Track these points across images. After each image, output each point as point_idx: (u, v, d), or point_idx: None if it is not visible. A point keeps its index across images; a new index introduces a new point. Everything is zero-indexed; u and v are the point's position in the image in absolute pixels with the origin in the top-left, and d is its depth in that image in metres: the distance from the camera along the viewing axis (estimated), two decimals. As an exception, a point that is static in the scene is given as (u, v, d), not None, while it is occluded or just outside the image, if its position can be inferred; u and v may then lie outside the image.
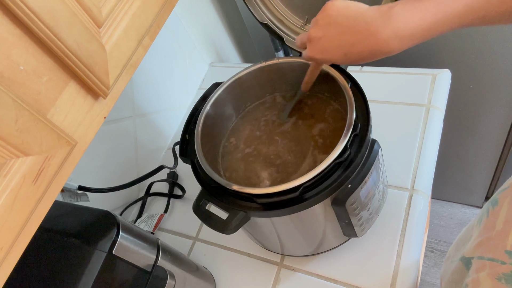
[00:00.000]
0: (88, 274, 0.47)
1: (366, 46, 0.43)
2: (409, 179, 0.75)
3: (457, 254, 0.57)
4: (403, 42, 0.41)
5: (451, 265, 0.58)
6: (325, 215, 0.58)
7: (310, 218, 0.58)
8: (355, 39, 0.43)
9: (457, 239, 0.62)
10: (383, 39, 0.41)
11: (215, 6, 1.15)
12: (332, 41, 0.46)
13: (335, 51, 0.46)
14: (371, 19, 0.42)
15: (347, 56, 0.45)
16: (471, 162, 1.35)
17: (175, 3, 0.46)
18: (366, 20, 0.42)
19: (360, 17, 0.43)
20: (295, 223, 0.59)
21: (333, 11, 0.46)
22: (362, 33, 0.43)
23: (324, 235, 0.64)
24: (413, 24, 0.40)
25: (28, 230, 0.33)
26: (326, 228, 0.62)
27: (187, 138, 0.65)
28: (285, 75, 0.69)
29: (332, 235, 0.65)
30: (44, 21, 0.30)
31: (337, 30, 0.45)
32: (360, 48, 0.44)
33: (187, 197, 0.91)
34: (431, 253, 1.56)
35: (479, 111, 1.14)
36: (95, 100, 0.38)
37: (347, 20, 0.44)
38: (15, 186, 0.31)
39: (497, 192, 0.52)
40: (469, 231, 0.57)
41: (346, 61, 0.46)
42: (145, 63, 0.91)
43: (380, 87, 0.90)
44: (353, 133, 0.54)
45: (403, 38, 0.41)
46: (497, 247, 0.46)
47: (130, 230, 0.53)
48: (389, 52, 0.42)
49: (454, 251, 0.60)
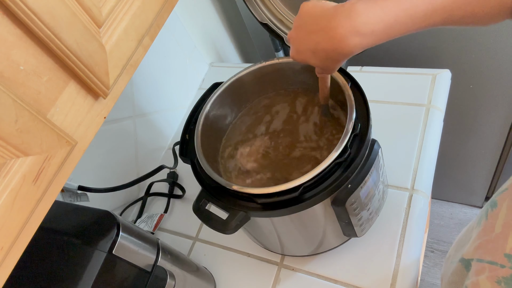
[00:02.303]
0: (88, 274, 0.47)
1: (329, 43, 0.43)
2: (409, 179, 0.75)
3: (457, 255, 0.57)
4: (364, 39, 0.41)
5: (451, 266, 0.58)
6: (325, 215, 0.58)
7: (310, 218, 0.58)
8: (319, 36, 0.44)
9: (457, 239, 0.62)
10: (342, 34, 0.41)
11: (215, 6, 1.15)
12: (302, 42, 0.47)
13: (305, 51, 0.47)
14: (332, 16, 0.42)
15: (315, 55, 0.46)
16: (471, 162, 1.35)
17: (175, 3, 0.46)
18: (328, 17, 0.43)
19: (324, 15, 0.43)
20: (295, 223, 0.59)
21: (303, 12, 0.47)
22: (324, 30, 0.43)
23: (324, 235, 0.64)
24: (374, 20, 0.40)
25: (28, 230, 0.33)
26: (326, 228, 0.62)
27: (187, 138, 0.65)
28: (285, 75, 0.69)
29: (332, 235, 0.65)
30: (44, 21, 0.30)
31: (306, 30, 0.46)
32: (324, 45, 0.44)
33: (187, 197, 0.91)
34: (431, 253, 1.56)
35: (479, 111, 1.14)
36: (95, 100, 0.38)
37: (313, 19, 0.45)
38: (15, 186, 0.31)
39: (496, 193, 0.51)
40: (469, 232, 0.57)
41: (317, 61, 0.47)
42: (145, 63, 0.91)
43: (380, 87, 0.90)
44: (353, 133, 0.54)
45: (363, 35, 0.41)
46: (497, 250, 0.46)
47: (130, 230, 0.53)
48: (349, 48, 0.42)
49: (454, 251, 0.60)
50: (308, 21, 0.45)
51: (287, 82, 0.70)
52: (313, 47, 0.45)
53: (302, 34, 0.46)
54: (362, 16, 0.40)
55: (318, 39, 0.44)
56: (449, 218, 1.62)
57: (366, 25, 0.40)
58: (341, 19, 0.41)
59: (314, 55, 0.46)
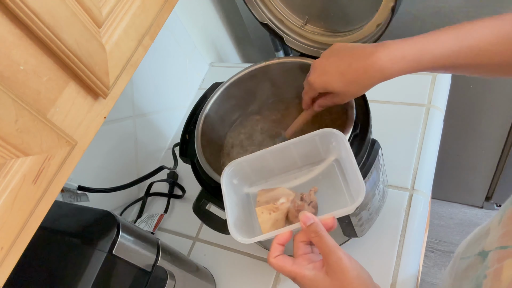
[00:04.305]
0: (88, 274, 0.47)
1: (361, 63, 0.49)
2: (409, 179, 0.75)
3: (472, 250, 0.56)
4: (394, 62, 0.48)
5: (464, 262, 0.57)
6: (325, 215, 0.58)
7: (310, 218, 0.58)
8: (352, 59, 0.50)
9: (470, 237, 0.62)
10: (376, 56, 0.48)
11: (215, 6, 1.15)
12: (332, 64, 0.52)
13: (334, 73, 0.51)
14: (368, 46, 0.50)
15: (343, 77, 0.50)
16: (471, 162, 1.35)
17: (175, 3, 0.46)
18: (364, 46, 0.50)
19: (360, 45, 0.51)
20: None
21: (337, 46, 0.53)
22: (358, 54, 0.50)
23: (324, 235, 0.64)
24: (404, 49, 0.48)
25: (28, 230, 0.33)
26: (326, 228, 0.62)
27: (187, 138, 0.65)
28: (285, 75, 0.69)
29: (332, 235, 0.65)
30: (44, 21, 0.30)
31: (339, 56, 0.52)
32: (355, 66, 0.49)
33: (187, 197, 0.91)
34: (431, 253, 1.56)
35: (479, 111, 1.14)
36: (95, 100, 0.38)
37: (348, 48, 0.52)
38: (15, 186, 0.31)
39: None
40: (483, 229, 0.57)
41: (341, 83, 0.51)
42: (145, 63, 0.91)
43: (380, 87, 0.89)
44: (353, 133, 0.54)
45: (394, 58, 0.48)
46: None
47: (130, 230, 0.53)
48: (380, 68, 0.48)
49: (465, 248, 0.60)
50: (343, 49, 0.52)
51: (287, 82, 0.70)
52: (344, 68, 0.50)
53: (334, 59, 0.52)
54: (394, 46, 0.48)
55: (350, 61, 0.50)
56: (449, 218, 1.62)
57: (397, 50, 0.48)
58: (376, 46, 0.49)
59: (341, 76, 0.50)
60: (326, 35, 0.67)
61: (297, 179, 0.52)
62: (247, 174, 0.52)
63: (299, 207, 0.46)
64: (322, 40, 0.67)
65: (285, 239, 0.44)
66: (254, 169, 0.51)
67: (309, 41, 0.69)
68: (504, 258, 0.47)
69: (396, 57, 0.47)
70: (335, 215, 0.43)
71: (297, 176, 0.52)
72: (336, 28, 0.66)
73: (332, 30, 0.67)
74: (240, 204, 0.50)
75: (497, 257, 0.48)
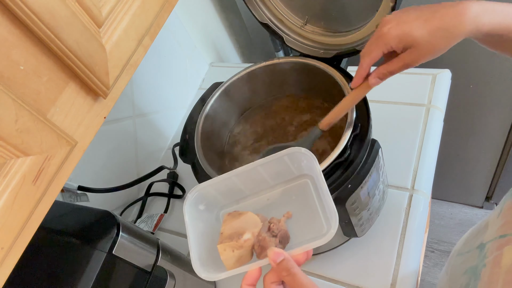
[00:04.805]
0: (88, 274, 0.47)
1: (450, 10, 0.43)
2: (409, 179, 0.75)
3: (471, 244, 0.56)
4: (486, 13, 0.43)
5: (461, 257, 0.57)
6: (325, 215, 0.58)
7: (310, 218, 0.58)
8: (437, 7, 0.44)
9: (467, 234, 0.62)
10: (467, 3, 0.43)
11: (215, 6, 1.15)
12: (411, 14, 0.45)
13: (415, 19, 0.44)
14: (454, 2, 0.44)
15: (427, 22, 0.44)
16: (471, 162, 1.35)
17: (175, 3, 0.46)
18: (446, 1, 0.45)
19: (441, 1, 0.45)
20: (295, 223, 0.59)
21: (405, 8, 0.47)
22: (443, 4, 0.44)
23: (324, 235, 0.64)
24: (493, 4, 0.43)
25: (28, 230, 0.33)
26: (326, 228, 0.62)
27: (187, 138, 0.65)
28: (285, 75, 0.69)
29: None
30: (44, 21, 0.30)
31: (418, 8, 0.45)
32: (442, 12, 0.43)
33: (187, 197, 0.90)
34: (431, 253, 1.56)
35: (479, 111, 1.14)
36: (95, 100, 0.38)
37: (425, 5, 0.45)
38: (15, 186, 0.31)
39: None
40: (481, 224, 0.57)
41: (427, 29, 0.44)
42: (145, 63, 0.91)
43: (380, 87, 0.89)
44: (353, 133, 0.54)
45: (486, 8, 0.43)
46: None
47: (130, 230, 0.53)
48: (473, 15, 0.43)
49: (463, 245, 0.60)
50: (418, 6, 0.46)
51: (287, 83, 0.70)
52: (428, 16, 0.44)
53: (412, 10, 0.45)
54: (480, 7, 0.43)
55: (436, 8, 0.44)
56: (449, 218, 1.62)
57: (488, 4, 0.43)
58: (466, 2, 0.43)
59: (425, 23, 0.44)
60: (326, 35, 0.67)
61: (269, 200, 0.48)
62: (215, 197, 0.48)
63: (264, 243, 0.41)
64: (322, 40, 0.67)
65: (254, 278, 0.39)
66: (221, 192, 0.48)
67: (309, 41, 0.69)
68: (504, 245, 0.46)
69: (487, 9, 0.43)
70: (306, 248, 0.39)
71: (270, 197, 0.48)
72: (336, 28, 0.66)
73: (332, 30, 0.67)
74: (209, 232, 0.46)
75: (497, 245, 0.47)
